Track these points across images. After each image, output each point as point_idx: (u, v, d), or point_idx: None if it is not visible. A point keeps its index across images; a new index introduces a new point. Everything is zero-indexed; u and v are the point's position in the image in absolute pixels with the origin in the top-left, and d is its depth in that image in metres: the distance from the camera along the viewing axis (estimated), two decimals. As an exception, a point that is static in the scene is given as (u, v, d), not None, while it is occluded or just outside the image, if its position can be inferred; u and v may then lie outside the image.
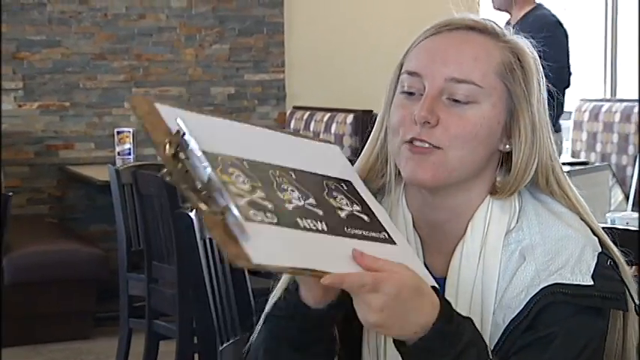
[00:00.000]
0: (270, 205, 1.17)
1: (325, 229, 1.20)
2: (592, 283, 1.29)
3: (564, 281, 1.28)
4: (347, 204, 1.28)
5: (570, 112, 5.77)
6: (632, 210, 2.49)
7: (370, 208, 1.30)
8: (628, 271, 1.34)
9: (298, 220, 1.19)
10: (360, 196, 1.31)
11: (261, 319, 1.35)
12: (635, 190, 2.66)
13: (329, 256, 1.18)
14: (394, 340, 1.23)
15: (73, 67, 5.57)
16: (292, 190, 1.22)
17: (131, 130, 5.14)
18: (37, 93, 5.54)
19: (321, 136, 5.55)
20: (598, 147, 5.51)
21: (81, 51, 5.59)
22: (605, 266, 1.31)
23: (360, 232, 1.24)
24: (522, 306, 1.29)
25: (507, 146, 1.35)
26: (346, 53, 6.08)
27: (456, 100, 1.32)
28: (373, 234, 1.26)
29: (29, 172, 5.51)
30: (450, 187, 1.34)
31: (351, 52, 6.09)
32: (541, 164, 1.35)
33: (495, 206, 1.34)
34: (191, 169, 1.14)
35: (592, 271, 1.29)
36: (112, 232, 4.61)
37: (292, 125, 5.87)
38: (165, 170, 1.13)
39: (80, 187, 5.51)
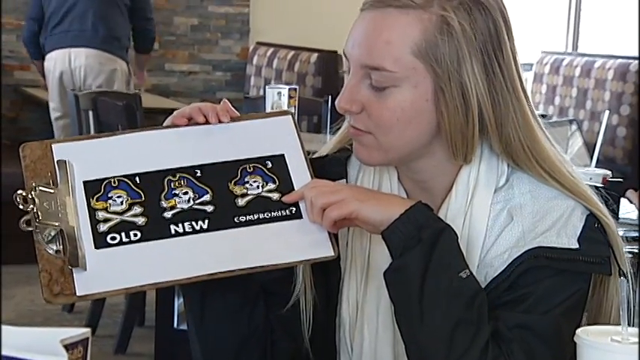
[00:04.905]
0: (140, 221, 1.29)
1: (205, 227, 1.29)
2: (577, 246, 1.28)
3: (549, 244, 1.28)
4: (258, 186, 1.33)
5: (531, 64, 5.80)
6: (596, 166, 2.52)
7: (291, 182, 1.33)
8: (617, 235, 1.33)
9: (172, 226, 1.28)
10: (286, 171, 1.34)
11: None
12: (601, 145, 2.69)
13: (191, 256, 1.27)
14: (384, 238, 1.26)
15: (33, -15, 5.45)
16: (185, 193, 1.31)
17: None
18: (-6, 10, 5.42)
19: (284, 75, 5.52)
20: (557, 100, 5.55)
21: (41, -31, 5.46)
22: (592, 229, 1.30)
23: (258, 217, 1.30)
24: (504, 267, 1.29)
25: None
26: (313, -9, 6.02)
27: (374, 86, 1.29)
28: (275, 213, 1.31)
29: (-17, 92, 5.42)
30: (408, 158, 1.33)
31: (318, -11, 6.04)
32: (497, 129, 1.29)
33: (482, 165, 1.33)
34: (44, 215, 1.27)
35: (578, 234, 1.29)
36: (68, 157, 4.56)
37: (254, 61, 5.82)
38: (24, 218, 1.26)
39: (35, 110, 5.44)
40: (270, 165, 1.34)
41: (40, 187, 1.28)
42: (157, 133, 1.36)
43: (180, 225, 1.28)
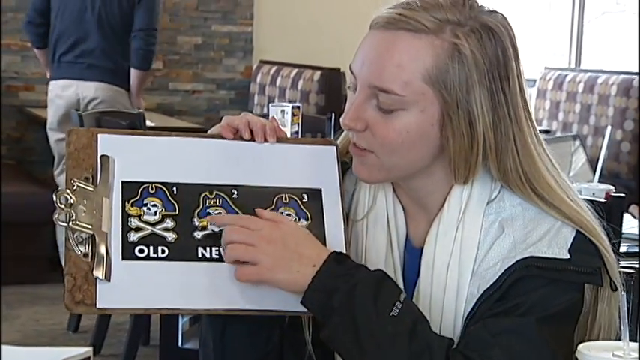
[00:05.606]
0: (170, 237, 1.26)
1: None
2: (568, 256, 1.29)
3: (540, 254, 1.28)
4: (290, 220, 1.30)
5: (535, 80, 5.80)
6: (600, 182, 2.53)
7: (323, 221, 1.32)
8: (611, 255, 1.33)
9: (200, 249, 1.26)
10: (320, 209, 1.33)
11: None
12: (603, 161, 2.69)
13: (213, 285, 1.25)
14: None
15: (37, 8, 5.46)
16: (218, 214, 1.29)
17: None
18: (-1, 32, 5.44)
19: (287, 92, 5.54)
20: (560, 116, 5.55)
21: (45, -9, 5.48)
22: (583, 240, 1.31)
23: None
24: (496, 277, 1.29)
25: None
26: (316, 9, 6.04)
27: (381, 108, 1.29)
28: None
29: (-12, 113, 5.43)
30: (408, 178, 1.34)
31: (321, 8, 6.05)
32: (496, 157, 1.30)
33: (476, 183, 1.33)
34: (78, 216, 1.24)
35: (569, 245, 1.30)
36: (72, 177, 4.55)
37: (258, 80, 5.84)
38: (58, 213, 1.23)
39: (40, 130, 5.44)
40: (305, 199, 1.33)
41: (79, 184, 1.26)
42: (202, 141, 1.34)
43: (207, 249, 1.27)
